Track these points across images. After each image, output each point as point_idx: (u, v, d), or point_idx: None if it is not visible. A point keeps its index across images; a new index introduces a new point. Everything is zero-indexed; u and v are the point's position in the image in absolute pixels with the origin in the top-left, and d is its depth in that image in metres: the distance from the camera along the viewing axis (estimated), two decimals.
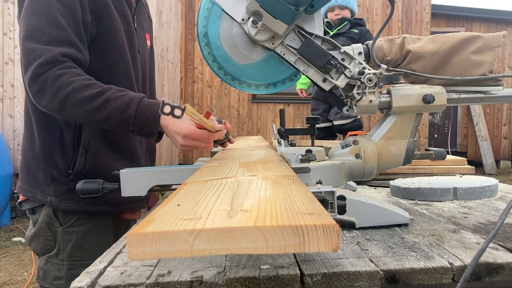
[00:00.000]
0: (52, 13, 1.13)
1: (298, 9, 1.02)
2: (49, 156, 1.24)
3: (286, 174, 0.69)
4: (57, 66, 1.10)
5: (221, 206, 0.45)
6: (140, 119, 1.10)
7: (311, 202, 0.46)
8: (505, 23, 9.63)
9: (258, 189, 0.55)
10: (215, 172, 0.75)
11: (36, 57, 1.09)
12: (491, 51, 1.17)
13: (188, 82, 7.64)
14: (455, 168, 1.81)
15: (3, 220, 4.94)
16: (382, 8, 7.71)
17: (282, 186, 0.57)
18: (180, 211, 0.44)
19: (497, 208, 1.12)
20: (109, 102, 1.10)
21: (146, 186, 1.00)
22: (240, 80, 1.16)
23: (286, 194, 0.51)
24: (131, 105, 1.10)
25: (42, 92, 1.10)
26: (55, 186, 1.23)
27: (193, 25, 7.52)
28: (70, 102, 1.09)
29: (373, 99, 1.10)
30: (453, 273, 0.66)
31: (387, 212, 0.92)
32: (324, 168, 1.06)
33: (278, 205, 0.44)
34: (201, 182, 0.63)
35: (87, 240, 1.26)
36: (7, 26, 5.35)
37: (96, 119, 1.11)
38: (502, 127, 9.70)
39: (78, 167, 1.22)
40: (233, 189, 0.55)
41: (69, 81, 1.09)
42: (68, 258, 1.24)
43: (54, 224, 1.25)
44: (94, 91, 1.10)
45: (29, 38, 1.11)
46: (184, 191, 0.57)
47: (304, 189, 0.55)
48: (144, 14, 1.51)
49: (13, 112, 5.45)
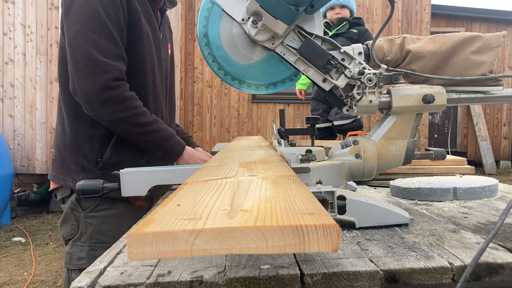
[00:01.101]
0: (110, 30, 1.33)
1: (298, 9, 1.02)
2: (79, 148, 1.43)
3: (286, 174, 0.69)
4: (124, 87, 1.35)
5: (221, 206, 0.45)
6: (172, 151, 1.48)
7: (311, 202, 0.46)
8: (505, 23, 9.63)
9: (258, 189, 0.54)
10: (215, 172, 0.74)
11: (106, 70, 1.30)
12: (491, 51, 1.17)
13: (188, 82, 7.64)
14: (455, 168, 1.81)
15: (3, 220, 4.94)
16: (382, 8, 7.71)
17: (282, 186, 0.57)
18: (180, 211, 0.43)
19: (497, 208, 1.12)
20: (157, 132, 1.42)
21: (146, 186, 1.00)
22: (240, 80, 1.16)
23: (286, 194, 0.51)
24: (171, 140, 1.46)
25: (110, 103, 1.33)
26: (84, 174, 1.41)
27: (193, 25, 7.52)
28: (129, 122, 1.36)
29: (373, 99, 1.10)
30: (453, 273, 0.66)
31: (387, 212, 0.92)
32: (324, 168, 1.06)
33: (278, 205, 0.44)
34: (201, 182, 0.63)
35: (106, 225, 1.43)
36: (7, 26, 5.34)
37: (142, 138, 1.41)
38: (502, 127, 9.70)
39: (106, 157, 1.42)
40: (233, 189, 0.55)
41: (134, 105, 1.37)
42: (89, 240, 1.41)
43: (77, 209, 1.43)
44: (148, 119, 1.40)
45: (94, 50, 1.30)
46: (184, 191, 0.57)
47: (304, 189, 0.55)
48: (166, 26, 1.70)
49: (13, 112, 5.45)
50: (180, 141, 1.50)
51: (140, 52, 1.43)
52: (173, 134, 1.47)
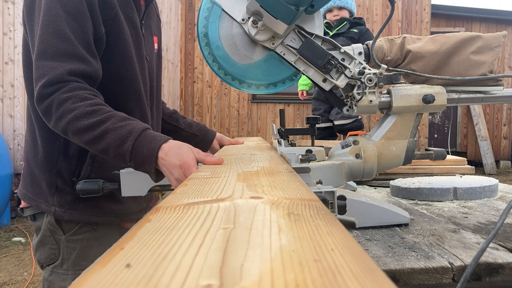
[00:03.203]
0: (59, 25, 1.07)
1: (298, 9, 1.02)
2: (52, 165, 1.19)
3: (305, 197, 0.47)
4: (62, 89, 1.03)
5: (203, 273, 0.25)
6: (136, 156, 0.97)
7: (364, 266, 0.26)
8: (505, 23, 9.63)
9: (267, 228, 0.35)
10: (204, 187, 0.56)
11: (41, 76, 1.04)
12: (491, 51, 1.17)
13: (188, 82, 7.64)
14: (455, 168, 1.82)
15: (3, 220, 4.94)
16: (382, 8, 7.71)
17: (305, 224, 0.36)
18: (126, 283, 0.24)
19: (497, 208, 1.12)
20: (108, 133, 0.99)
21: (146, 186, 1.00)
22: (240, 80, 1.16)
23: (315, 244, 0.30)
24: (128, 139, 0.98)
25: (48, 115, 1.05)
26: (59, 196, 1.19)
27: (193, 25, 7.52)
28: (71, 130, 1.02)
29: (373, 99, 1.10)
30: (453, 273, 0.66)
31: (387, 212, 0.92)
32: (324, 168, 1.06)
33: (309, 276, 0.24)
34: (181, 209, 0.43)
35: (92, 249, 1.21)
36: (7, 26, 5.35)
37: (96, 148, 1.02)
38: (502, 127, 9.70)
39: (83, 176, 1.18)
40: (227, 227, 0.36)
41: (72, 108, 1.01)
42: (73, 267, 1.20)
43: (57, 232, 1.21)
44: (94, 119, 1.00)
45: (38, 53, 1.06)
46: (149, 227, 0.36)
47: (342, 231, 0.34)
48: (153, 15, 1.45)
49: (13, 112, 5.46)
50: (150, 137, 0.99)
51: (118, 54, 1.21)
52: (132, 130, 0.99)
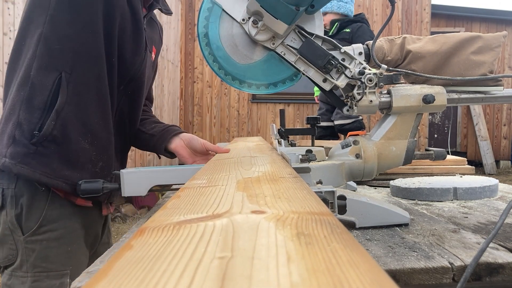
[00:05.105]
0: None
1: (299, 9, 1.02)
2: (14, 115, 1.12)
3: (314, 211, 0.41)
4: None
5: None
6: None
7: None
8: (505, 23, 9.64)
9: (273, 257, 0.28)
10: (199, 199, 0.49)
11: None
12: (491, 51, 1.17)
13: (188, 82, 7.64)
14: (455, 168, 1.82)
15: None
16: (382, 8, 7.71)
17: (319, 249, 0.29)
18: None
19: (497, 208, 1.12)
20: None
21: (146, 185, 1.00)
22: (240, 80, 1.16)
23: (335, 279, 0.24)
24: None
25: None
26: (13, 147, 1.10)
27: (193, 25, 7.53)
28: None
29: (373, 99, 1.10)
30: (453, 273, 0.66)
31: (388, 212, 0.92)
32: (324, 168, 1.06)
33: None
34: (170, 229, 0.36)
35: (52, 250, 1.15)
36: (7, 26, 5.35)
37: None
38: (502, 127, 9.70)
39: (46, 131, 1.10)
40: (223, 258, 0.28)
41: None
42: (33, 269, 1.13)
43: (16, 232, 1.14)
44: None
45: None
46: (129, 257, 0.29)
47: (367, 260, 0.27)
48: (155, 27, 1.43)
49: None
50: None
51: None
52: None
